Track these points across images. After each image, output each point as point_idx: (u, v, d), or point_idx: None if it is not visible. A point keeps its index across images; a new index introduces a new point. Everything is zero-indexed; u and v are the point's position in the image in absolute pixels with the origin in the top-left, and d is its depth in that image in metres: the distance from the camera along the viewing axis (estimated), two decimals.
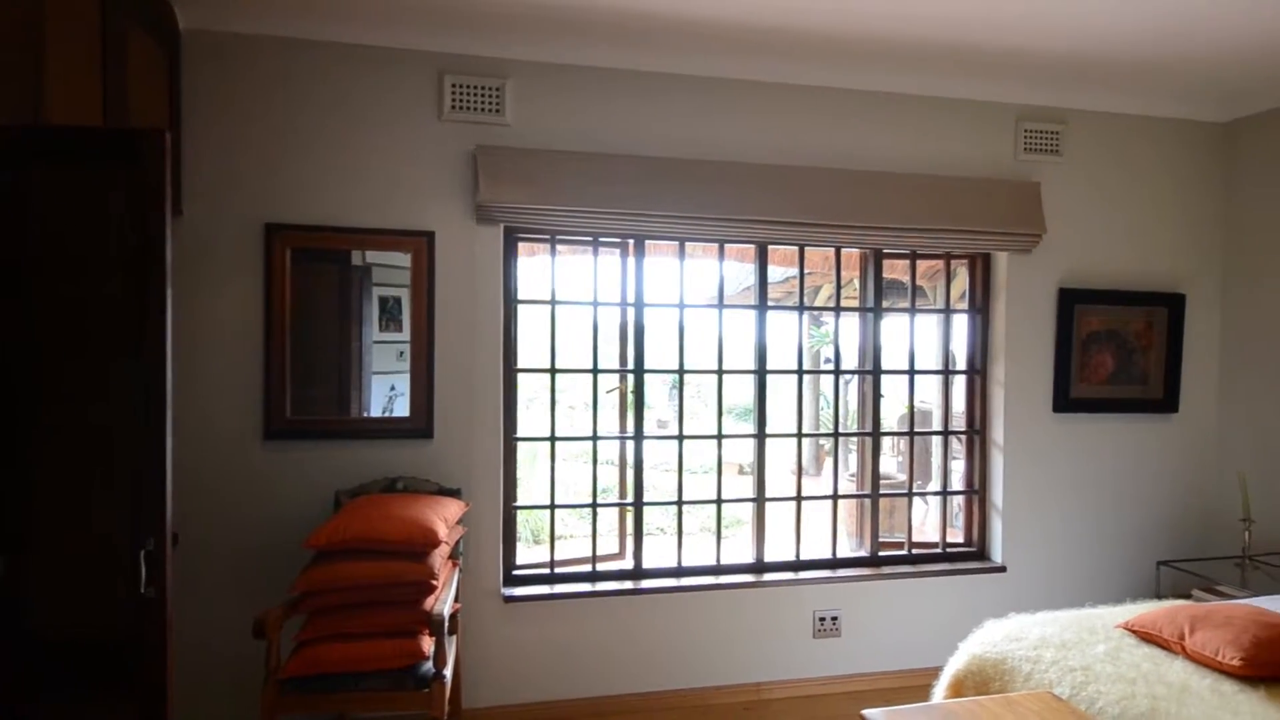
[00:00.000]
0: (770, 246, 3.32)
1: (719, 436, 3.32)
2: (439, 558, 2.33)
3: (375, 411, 2.92)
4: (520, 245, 3.10)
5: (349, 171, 2.85)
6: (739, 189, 3.08)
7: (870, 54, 2.99)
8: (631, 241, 3.16)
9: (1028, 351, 3.47)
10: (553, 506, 3.18)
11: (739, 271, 4.82)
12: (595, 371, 3.14)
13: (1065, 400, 3.48)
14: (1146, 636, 2.19)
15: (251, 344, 2.77)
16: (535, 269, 3.23)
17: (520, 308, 3.10)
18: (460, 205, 2.93)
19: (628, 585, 3.11)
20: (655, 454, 7.55)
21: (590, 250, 3.16)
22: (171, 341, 1.70)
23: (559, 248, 3.16)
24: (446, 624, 2.28)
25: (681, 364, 3.25)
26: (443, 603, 2.31)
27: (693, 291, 3.28)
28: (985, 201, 3.31)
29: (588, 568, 3.17)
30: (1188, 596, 3.25)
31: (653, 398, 8.89)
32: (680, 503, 3.28)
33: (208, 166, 2.73)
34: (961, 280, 3.63)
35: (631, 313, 3.19)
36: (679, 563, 3.25)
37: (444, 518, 2.43)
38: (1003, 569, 3.45)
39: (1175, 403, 3.61)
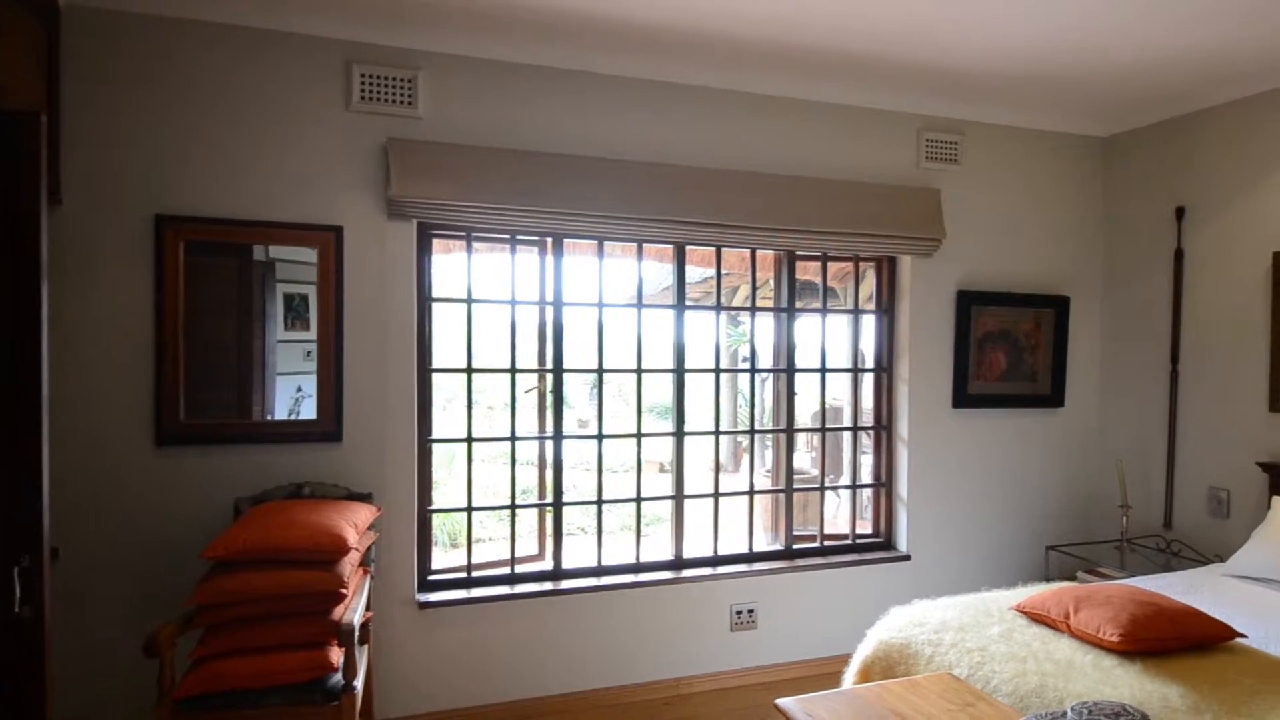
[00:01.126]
0: (688, 247, 3.36)
1: (638, 435, 3.34)
2: (348, 565, 2.24)
3: (280, 414, 2.79)
4: (435, 242, 3.03)
5: (250, 161, 2.71)
6: (658, 190, 3.11)
7: (785, 62, 3.07)
8: (550, 240, 3.14)
9: (930, 350, 3.64)
10: (470, 509, 3.12)
11: (658, 271, 4.87)
12: (513, 371, 3.10)
13: (964, 396, 3.68)
14: (1036, 617, 2.34)
15: (141, 343, 2.59)
16: (451, 266, 3.16)
17: (435, 306, 3.03)
18: (371, 199, 2.83)
19: (547, 586, 3.09)
20: (576, 453, 7.53)
21: (508, 248, 3.12)
22: (49, 338, 1.57)
23: (476, 245, 3.10)
24: (357, 633, 2.20)
25: (601, 363, 3.26)
26: (353, 612, 2.23)
27: (612, 291, 3.29)
28: (890, 207, 3.45)
29: (507, 570, 3.13)
30: (1073, 578, 3.49)
31: (573, 397, 8.86)
32: (600, 502, 3.28)
33: (91, 154, 2.54)
34: (870, 282, 3.78)
35: (550, 312, 3.17)
36: (599, 562, 3.25)
37: (354, 523, 2.35)
38: (907, 557, 3.62)
39: (1061, 398, 3.87)
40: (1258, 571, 2.80)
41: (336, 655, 2.15)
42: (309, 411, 2.78)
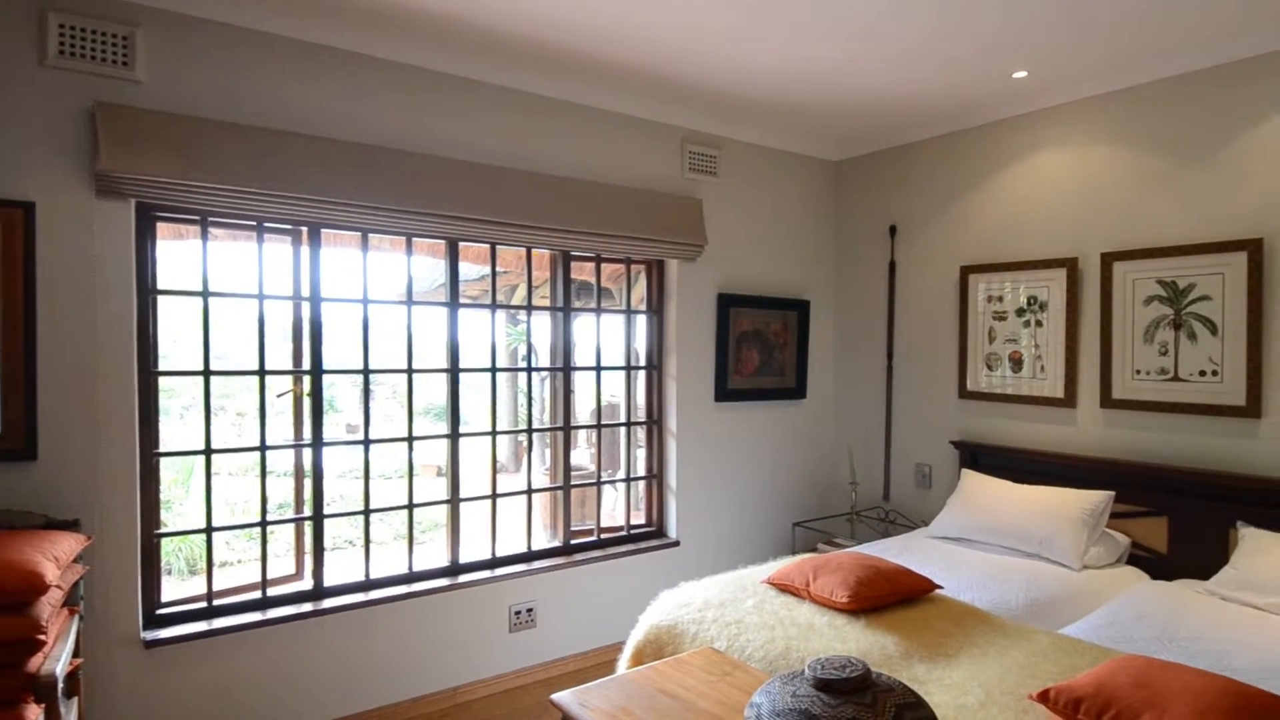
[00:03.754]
0: (462, 243, 3.27)
1: (409, 439, 3.18)
2: (47, 606, 1.88)
3: None
4: (162, 227, 2.64)
5: None
6: (429, 182, 2.98)
7: (563, 64, 3.11)
8: (305, 229, 2.88)
9: (695, 348, 3.90)
10: (210, 529, 2.76)
11: (432, 268, 4.68)
12: (262, 373, 2.80)
13: (725, 391, 3.99)
14: (784, 588, 2.59)
15: None
16: (183, 255, 2.78)
17: (163, 300, 2.64)
18: (74, 173, 2.39)
19: (307, 608, 2.83)
20: (344, 461, 7.00)
21: (255, 237, 2.81)
22: None
23: (215, 233, 2.75)
24: (61, 685, 1.86)
25: (366, 363, 3.05)
26: (55, 660, 1.87)
27: (380, 287, 3.10)
28: (658, 213, 3.64)
29: (259, 594, 2.82)
30: (814, 550, 3.94)
31: (342, 400, 8.23)
32: (367, 511, 3.08)
33: None
34: (643, 283, 3.95)
35: (307, 308, 2.90)
36: (367, 576, 3.05)
37: (53, 556, 1.97)
38: (677, 543, 3.84)
39: (804, 390, 4.34)
40: (952, 532, 3.35)
41: (34, 713, 1.79)
42: None
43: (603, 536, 3.73)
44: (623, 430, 3.97)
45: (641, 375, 3.95)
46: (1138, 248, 3.16)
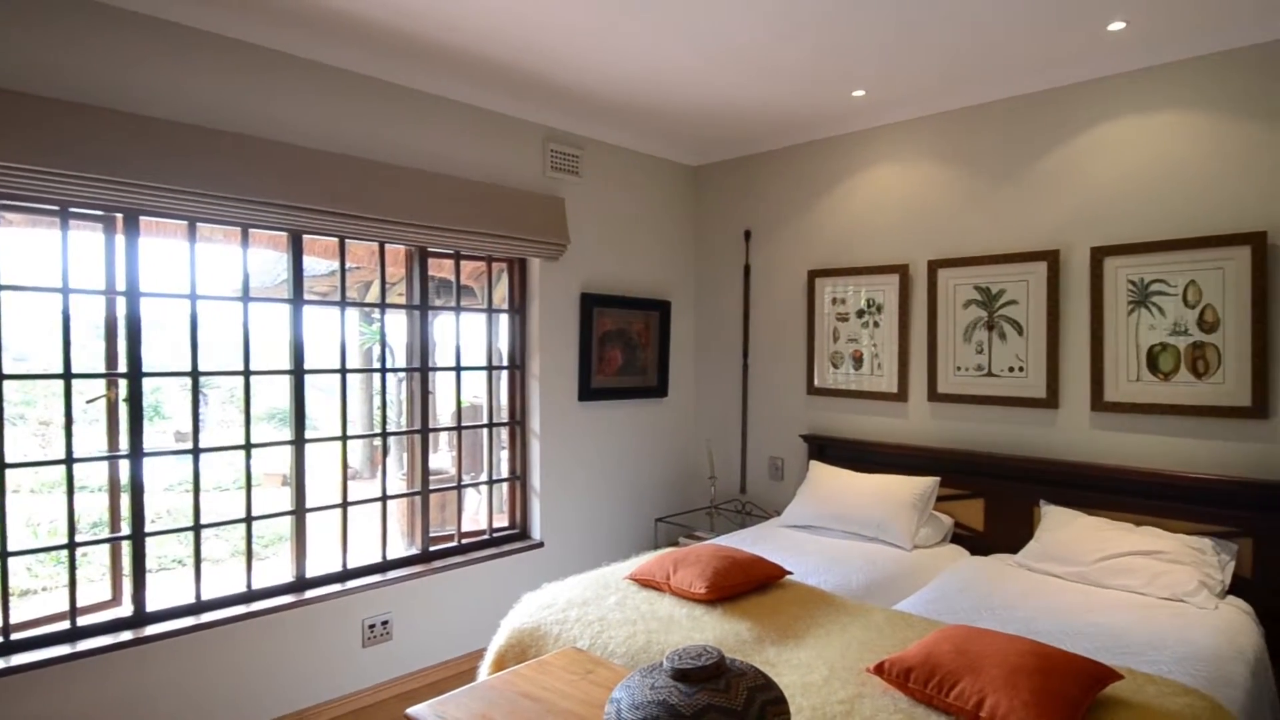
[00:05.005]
0: (307, 236, 3.07)
1: (247, 446, 2.94)
2: None
3: None
4: None
5: None
6: (269, 169, 2.77)
7: (417, 53, 2.99)
8: (121, 216, 2.59)
9: (558, 348, 3.89)
10: (4, 554, 2.42)
11: (275, 262, 4.37)
12: (68, 376, 2.49)
13: (588, 390, 4.01)
14: (645, 582, 2.64)
15: None
16: None
17: None
18: None
19: (126, 637, 2.55)
20: (174, 472, 6.37)
21: (59, 223, 2.49)
22: None
23: (8, 217, 2.42)
24: None
25: (195, 365, 2.79)
26: None
27: (213, 281, 2.85)
28: (520, 210, 3.59)
29: (67, 624, 2.51)
30: (676, 544, 4.05)
31: (170, 406, 7.48)
32: (198, 527, 2.82)
33: None
34: (506, 282, 3.88)
35: (123, 303, 2.61)
36: (198, 597, 2.79)
37: None
38: (541, 544, 3.81)
39: (666, 388, 4.45)
40: (801, 520, 3.55)
41: None
42: None
43: (464, 541, 3.63)
44: (485, 432, 3.89)
45: (504, 375, 3.88)
46: (958, 256, 3.49)
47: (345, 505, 3.22)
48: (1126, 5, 2.57)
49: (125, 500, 2.65)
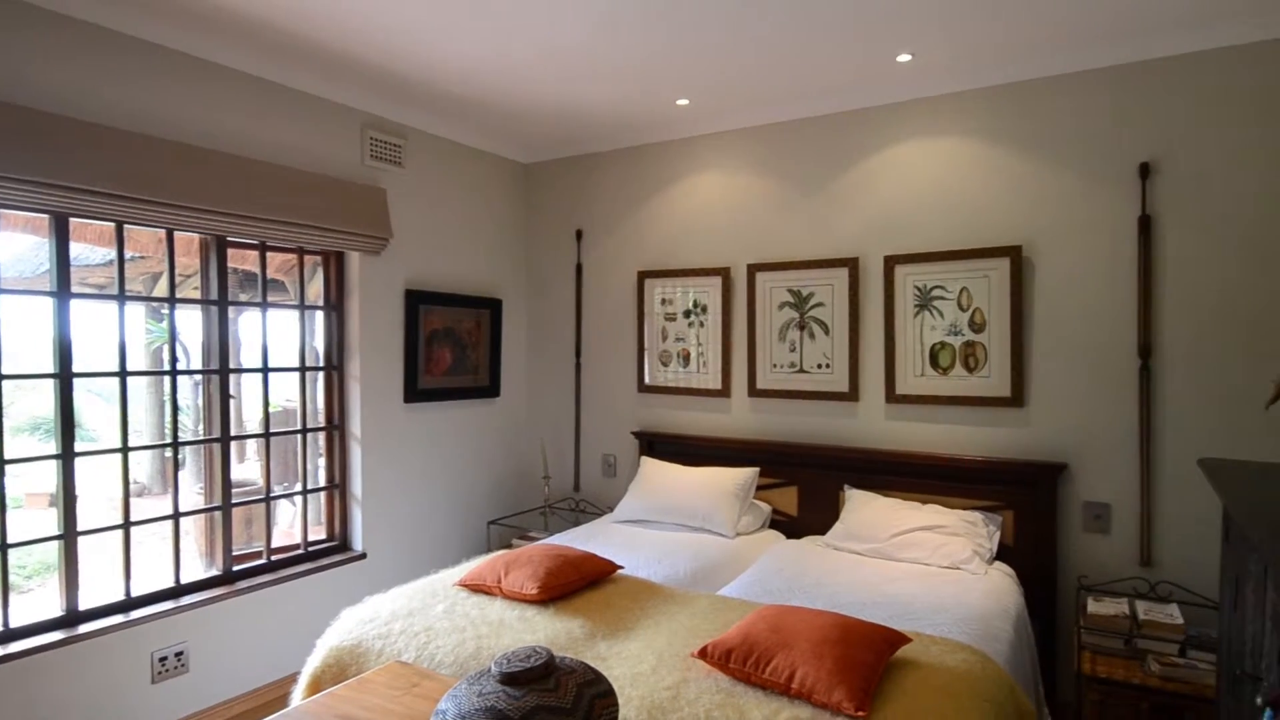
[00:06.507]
0: (75, 220, 2.68)
1: None
2: None
3: None
4: None
5: None
6: (22, 140, 2.38)
7: (217, 24, 2.70)
8: None
9: (381, 347, 3.69)
10: None
11: (34, 248, 3.80)
12: None
13: (415, 391, 3.84)
14: (476, 588, 2.57)
15: None
16: None
17: None
18: None
19: None
20: None
21: None
22: None
23: None
24: None
25: None
26: None
27: None
28: (336, 200, 3.36)
29: None
30: (510, 546, 3.98)
31: None
32: None
33: None
34: (321, 277, 3.61)
35: None
36: None
37: None
38: (364, 556, 3.60)
39: (498, 388, 4.37)
40: (633, 515, 3.64)
41: None
42: None
43: (274, 558, 3.34)
44: (299, 438, 3.60)
45: (321, 377, 3.62)
46: (774, 261, 3.73)
47: (128, 525, 2.85)
48: (913, 39, 2.88)
49: None
